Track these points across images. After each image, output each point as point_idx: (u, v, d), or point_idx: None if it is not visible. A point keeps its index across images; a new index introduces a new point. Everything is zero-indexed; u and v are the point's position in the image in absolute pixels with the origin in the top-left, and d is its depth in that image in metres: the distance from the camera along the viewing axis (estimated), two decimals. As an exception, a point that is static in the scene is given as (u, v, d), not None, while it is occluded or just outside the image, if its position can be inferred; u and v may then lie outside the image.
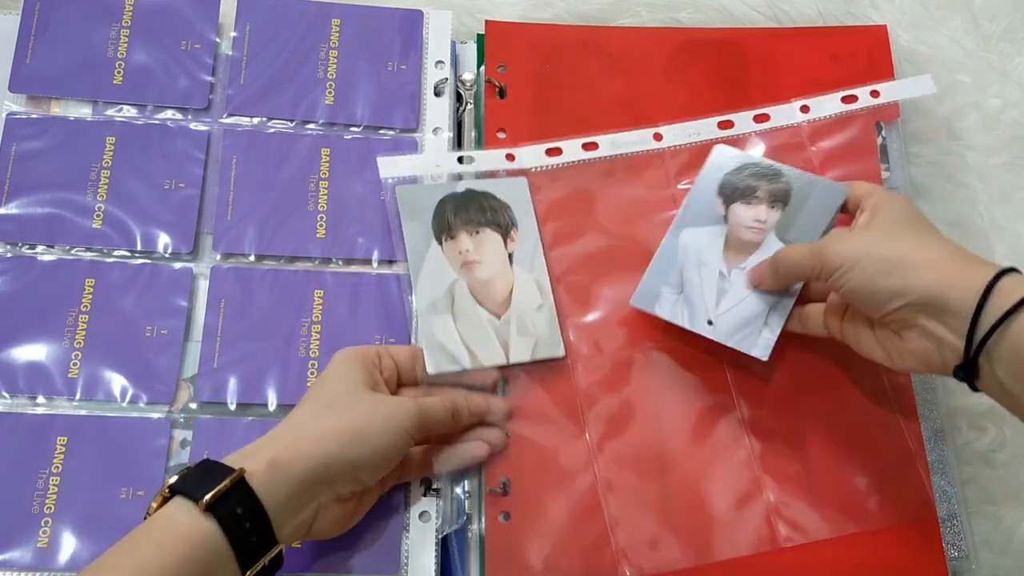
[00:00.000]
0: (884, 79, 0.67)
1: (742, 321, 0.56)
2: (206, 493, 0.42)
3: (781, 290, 0.56)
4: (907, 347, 0.49)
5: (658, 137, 0.65)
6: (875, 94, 0.66)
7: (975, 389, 0.47)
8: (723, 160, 0.60)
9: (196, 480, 0.43)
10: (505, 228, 0.61)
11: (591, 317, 0.60)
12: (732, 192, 0.59)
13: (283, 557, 0.46)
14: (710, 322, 0.56)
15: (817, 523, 0.56)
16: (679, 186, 0.63)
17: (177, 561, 0.41)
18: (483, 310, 0.59)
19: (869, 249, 0.49)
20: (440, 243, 0.60)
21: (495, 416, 0.56)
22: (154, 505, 0.44)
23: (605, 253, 0.62)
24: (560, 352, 0.59)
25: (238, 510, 0.43)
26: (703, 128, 0.65)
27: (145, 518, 0.44)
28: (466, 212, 0.60)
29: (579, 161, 0.64)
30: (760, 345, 0.56)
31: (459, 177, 0.62)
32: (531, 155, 0.63)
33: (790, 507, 0.56)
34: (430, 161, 0.62)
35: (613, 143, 0.64)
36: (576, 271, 0.61)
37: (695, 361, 0.59)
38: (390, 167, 0.61)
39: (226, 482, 0.43)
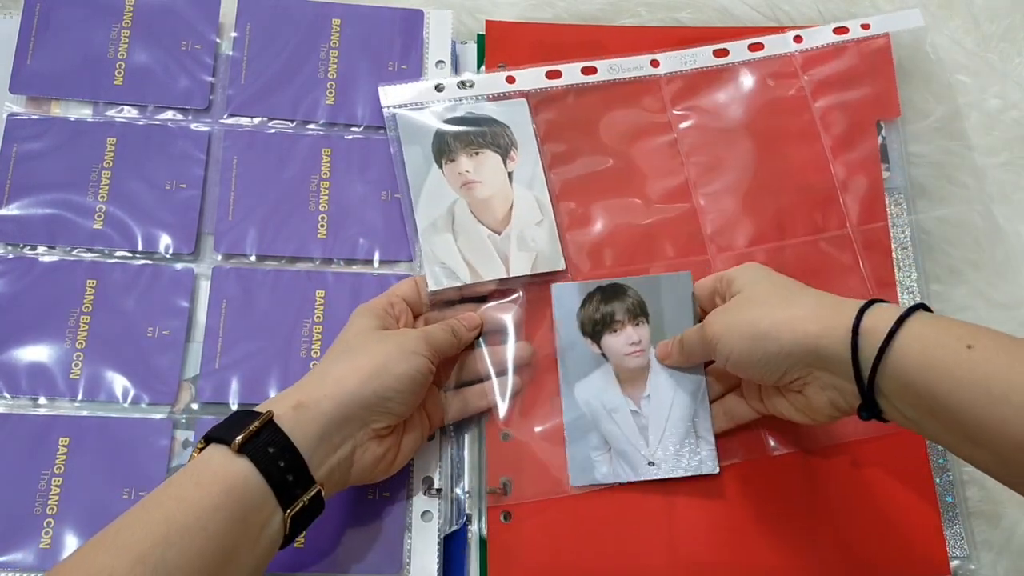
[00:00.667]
0: (885, 79, 0.67)
1: (677, 446, 0.56)
2: (237, 436, 0.43)
3: (686, 367, 0.57)
4: (814, 403, 0.49)
5: (655, 64, 0.66)
6: (865, 26, 0.68)
7: (885, 422, 0.47)
8: (567, 298, 0.59)
9: (227, 427, 0.45)
10: (504, 148, 0.62)
11: (591, 233, 0.62)
12: (593, 327, 0.59)
13: (324, 501, 0.47)
14: (651, 463, 0.56)
15: (802, 435, 0.58)
16: (675, 111, 0.65)
17: (216, 497, 0.42)
18: (483, 227, 0.60)
19: (738, 317, 0.50)
20: (440, 166, 0.61)
21: (488, 326, 0.58)
22: (193, 455, 0.45)
23: (604, 172, 0.64)
24: (561, 265, 0.60)
25: (270, 449, 0.44)
26: (699, 55, 0.67)
27: None
28: (466, 134, 0.62)
29: (578, 84, 0.65)
30: (707, 462, 0.56)
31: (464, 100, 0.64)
32: (531, 77, 0.65)
33: (778, 420, 0.57)
34: (431, 86, 0.64)
35: (611, 68, 0.66)
36: (575, 189, 0.63)
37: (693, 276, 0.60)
38: (392, 95, 0.63)
39: (256, 423, 0.44)
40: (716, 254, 0.62)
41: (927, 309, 0.45)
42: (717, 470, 0.56)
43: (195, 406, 0.56)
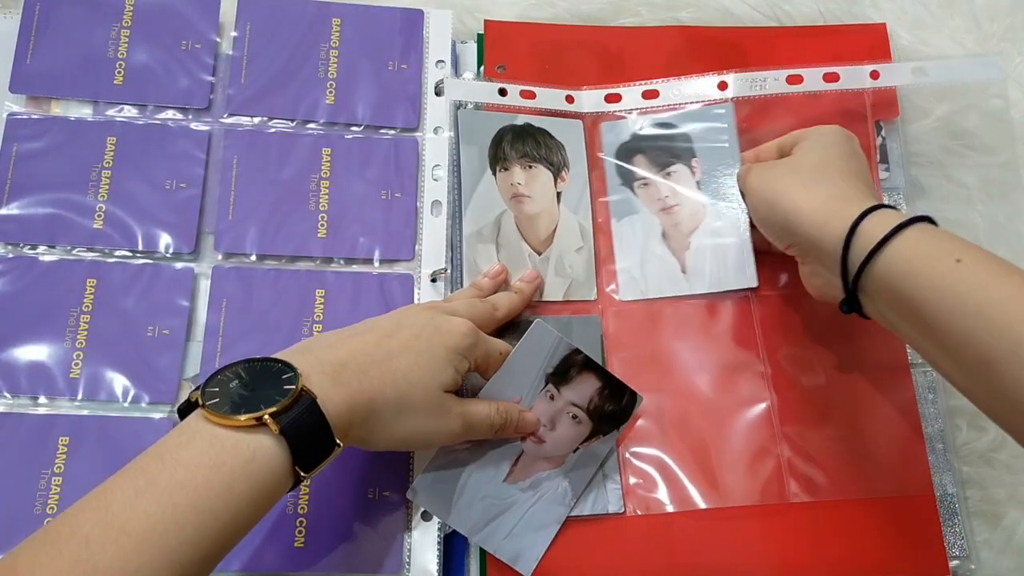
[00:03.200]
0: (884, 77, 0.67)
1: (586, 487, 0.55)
2: (272, 409, 0.41)
3: None
4: (809, 280, 0.53)
5: (723, 86, 0.65)
6: (945, 71, 0.66)
7: (865, 318, 0.50)
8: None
9: (260, 391, 0.42)
10: (557, 167, 0.63)
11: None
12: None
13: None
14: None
15: (825, 485, 0.57)
16: (741, 137, 0.63)
17: (242, 485, 0.40)
18: (525, 244, 0.61)
19: (770, 181, 0.54)
20: (494, 173, 0.61)
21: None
22: (211, 417, 0.41)
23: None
24: (592, 296, 0.60)
25: (305, 428, 0.42)
26: (770, 80, 0.65)
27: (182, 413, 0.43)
28: (522, 145, 0.62)
29: (639, 108, 0.65)
30: (614, 503, 0.55)
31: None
32: (590, 99, 0.65)
33: (802, 466, 0.57)
34: (494, 89, 0.64)
35: (674, 91, 0.65)
36: None
37: (725, 316, 0.60)
38: (457, 89, 0.64)
39: (303, 405, 0.42)
40: (755, 291, 0.61)
41: (932, 223, 0.47)
42: (623, 510, 0.56)
43: (195, 405, 0.56)
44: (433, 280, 0.60)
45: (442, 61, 0.65)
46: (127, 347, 0.57)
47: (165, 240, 0.59)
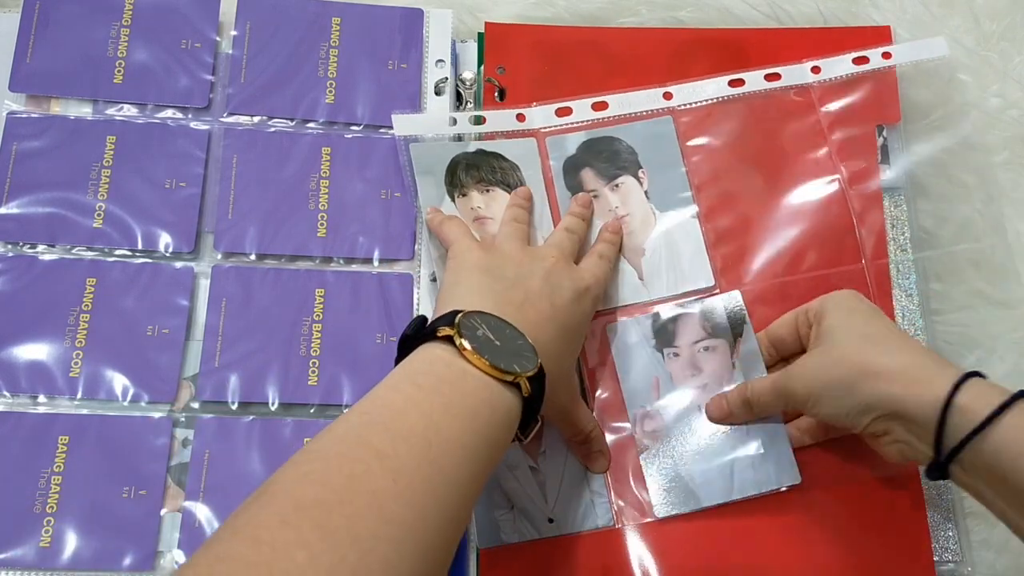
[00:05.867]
0: (886, 82, 0.66)
1: (574, 502, 0.56)
2: (529, 371, 0.44)
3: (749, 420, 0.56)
4: (886, 450, 0.50)
5: (668, 96, 0.65)
6: (887, 55, 0.67)
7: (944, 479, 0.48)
8: None
9: (513, 353, 0.44)
10: (514, 188, 0.62)
11: None
12: None
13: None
14: (551, 520, 0.55)
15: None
16: (688, 143, 0.64)
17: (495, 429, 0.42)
18: None
19: (826, 375, 0.50)
20: (453, 199, 0.61)
21: None
22: (465, 351, 0.42)
23: None
24: None
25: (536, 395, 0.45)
26: (713, 87, 0.66)
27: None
28: (477, 171, 0.62)
29: (589, 121, 0.64)
30: (602, 516, 0.56)
31: (475, 137, 0.63)
32: (541, 115, 0.64)
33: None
34: (443, 120, 0.63)
35: (622, 102, 0.65)
36: None
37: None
38: (405, 125, 0.62)
39: (539, 373, 0.44)
40: (725, 288, 0.60)
41: None
42: (612, 523, 0.55)
43: (195, 404, 0.56)
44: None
45: (442, 60, 0.65)
46: (127, 346, 0.57)
47: (165, 239, 0.59)
